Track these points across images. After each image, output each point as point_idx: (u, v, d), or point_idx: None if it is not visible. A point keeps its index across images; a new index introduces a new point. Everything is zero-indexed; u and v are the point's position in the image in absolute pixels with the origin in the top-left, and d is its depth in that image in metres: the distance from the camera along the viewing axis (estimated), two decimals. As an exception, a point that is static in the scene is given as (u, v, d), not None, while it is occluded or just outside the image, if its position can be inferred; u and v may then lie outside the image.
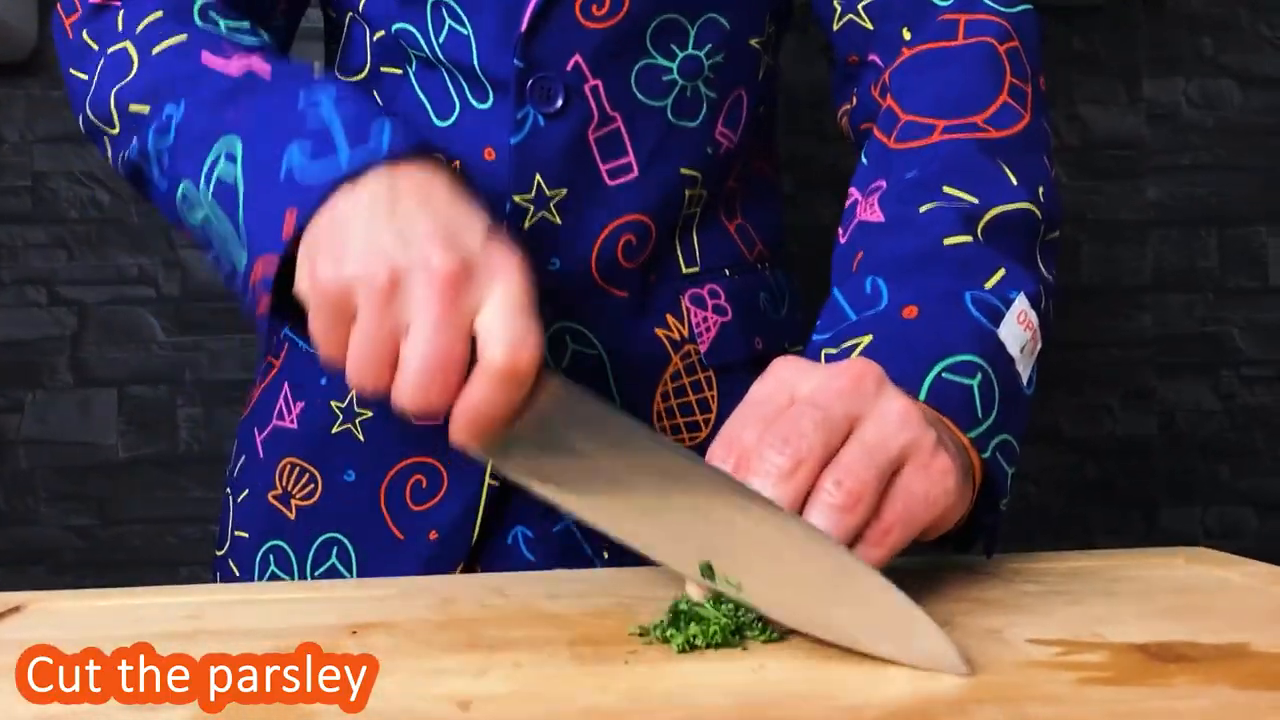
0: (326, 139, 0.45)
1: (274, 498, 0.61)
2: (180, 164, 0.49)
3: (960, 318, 0.46)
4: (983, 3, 0.56)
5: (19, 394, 1.29)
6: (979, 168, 0.51)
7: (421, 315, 0.40)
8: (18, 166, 1.29)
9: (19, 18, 1.23)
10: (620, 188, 0.58)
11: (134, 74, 0.52)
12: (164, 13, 0.53)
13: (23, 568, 1.28)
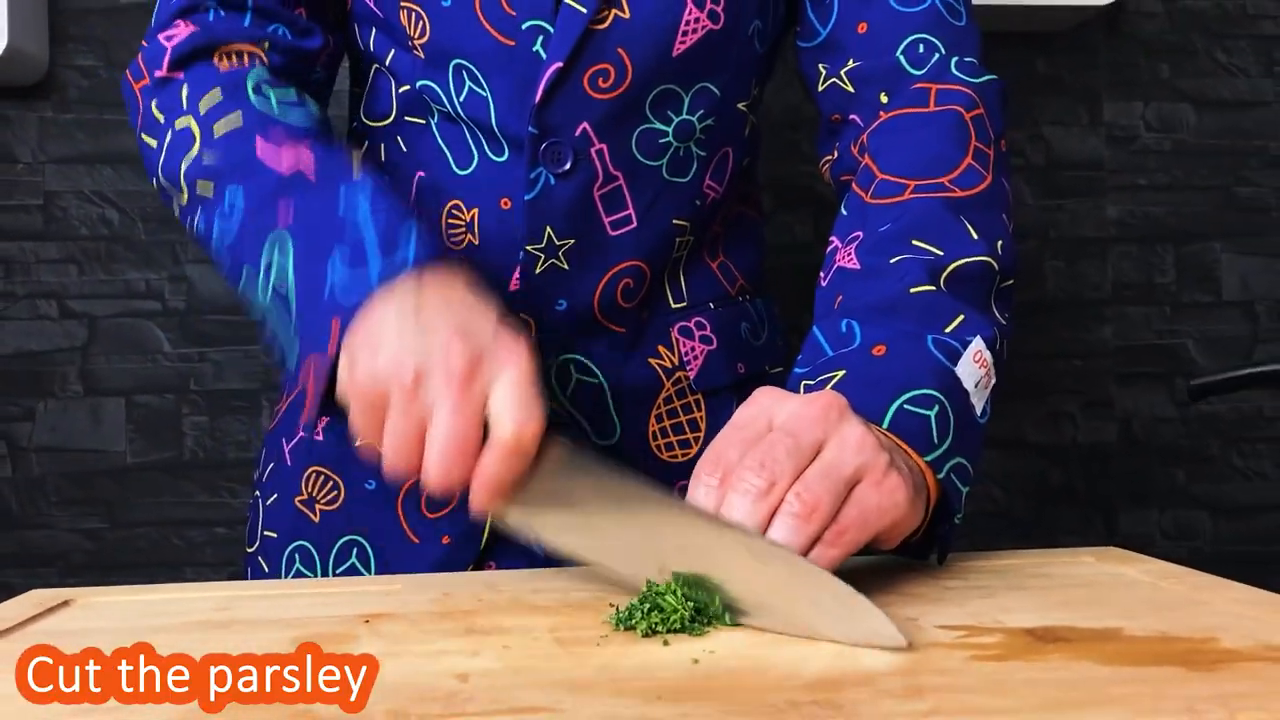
0: (361, 250, 0.52)
1: (300, 502, 0.67)
2: (242, 255, 0.56)
3: (922, 357, 0.53)
4: (951, 73, 0.63)
5: (31, 403, 1.33)
6: (944, 224, 0.58)
7: (441, 404, 0.47)
8: (30, 185, 1.33)
9: (32, 43, 1.27)
10: (621, 237, 0.64)
11: (197, 151, 0.58)
12: (222, 90, 0.60)
13: (34, 569, 1.32)
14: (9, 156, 1.32)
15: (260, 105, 0.59)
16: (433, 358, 0.47)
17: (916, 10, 0.64)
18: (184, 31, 0.62)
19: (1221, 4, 1.47)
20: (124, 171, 1.34)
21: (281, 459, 0.69)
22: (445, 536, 0.64)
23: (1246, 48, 1.48)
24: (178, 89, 0.61)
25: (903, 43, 0.64)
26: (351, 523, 0.66)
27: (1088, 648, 0.39)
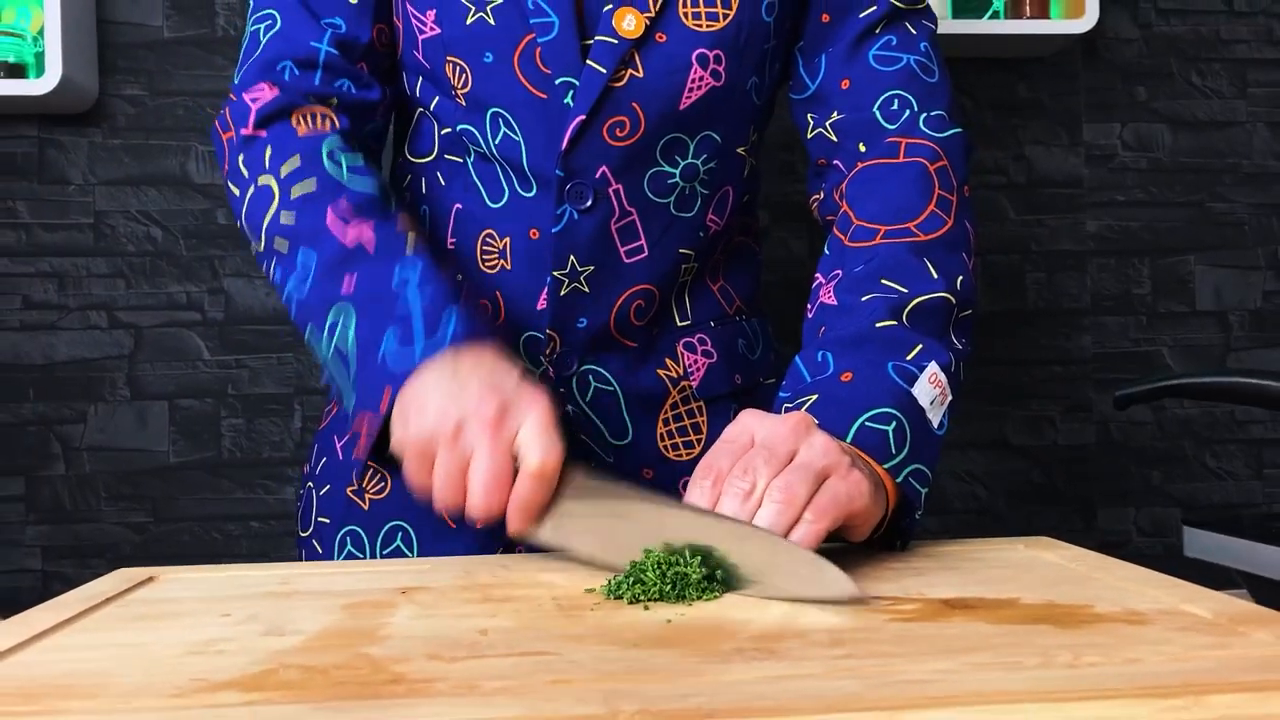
0: (410, 329, 0.62)
1: (352, 492, 0.77)
2: (310, 314, 0.66)
3: (882, 381, 0.63)
4: (919, 129, 0.72)
5: (83, 406, 1.43)
6: (908, 266, 0.68)
7: (479, 446, 0.57)
8: (82, 205, 1.44)
9: (83, 75, 1.38)
10: (634, 265, 0.74)
11: (276, 210, 0.68)
12: (300, 158, 0.70)
13: (86, 559, 1.42)
14: (62, 179, 1.43)
15: (333, 172, 0.69)
16: (469, 410, 0.58)
17: (892, 70, 0.73)
18: (267, 95, 0.71)
19: (1197, 29, 1.56)
20: (167, 192, 1.45)
21: (334, 454, 0.79)
22: (478, 523, 0.74)
23: (1220, 70, 1.56)
24: (261, 148, 0.71)
25: (879, 98, 0.73)
26: (397, 510, 0.76)
27: (986, 613, 0.48)
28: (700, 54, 0.70)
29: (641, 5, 0.69)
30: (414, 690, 0.38)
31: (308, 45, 0.72)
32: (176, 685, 0.39)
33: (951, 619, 0.47)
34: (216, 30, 1.45)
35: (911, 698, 0.36)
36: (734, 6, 0.70)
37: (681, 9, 0.70)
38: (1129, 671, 0.39)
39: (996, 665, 0.40)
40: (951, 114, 0.74)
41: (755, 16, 0.72)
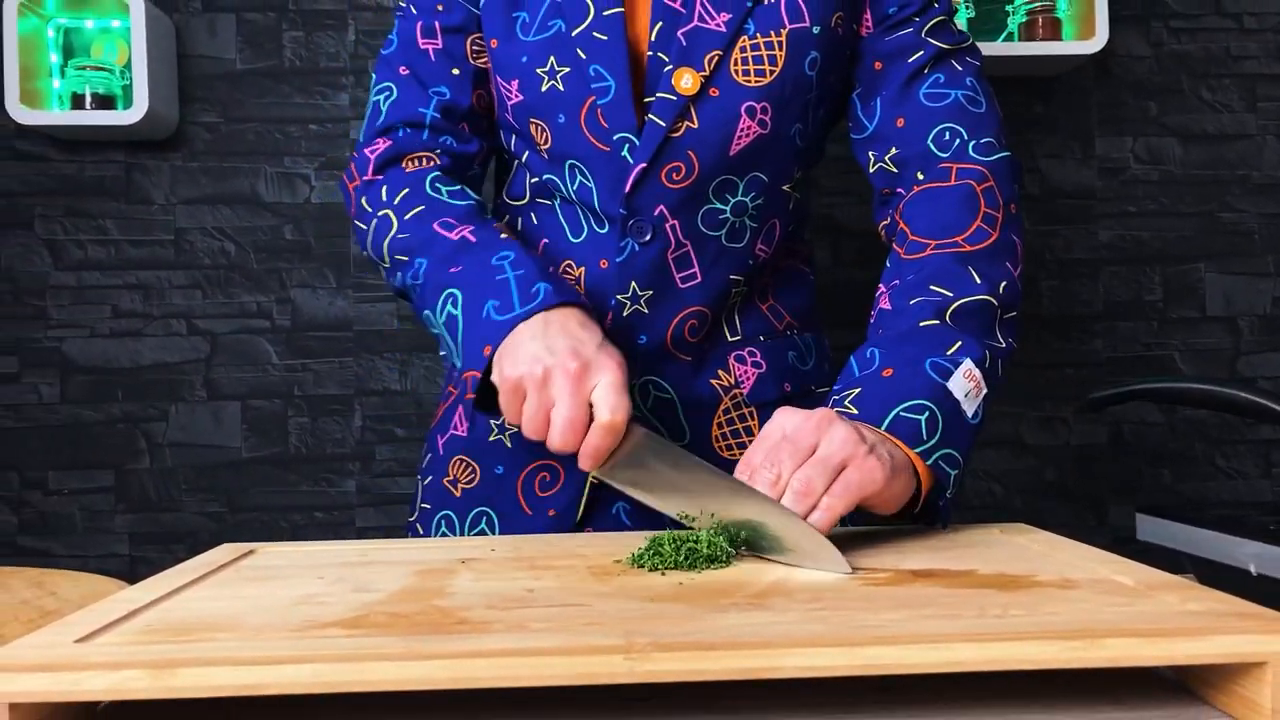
0: (509, 297, 0.74)
1: (447, 482, 0.90)
2: (425, 299, 0.78)
3: (919, 376, 0.72)
4: (969, 154, 0.81)
5: (165, 406, 1.57)
6: (954, 272, 0.77)
7: (561, 396, 0.69)
8: (164, 223, 1.57)
9: (165, 105, 1.51)
10: (688, 289, 0.84)
11: (395, 232, 0.81)
12: (410, 190, 0.83)
13: (167, 545, 1.56)
14: (146, 199, 1.57)
15: (435, 196, 0.82)
16: (555, 363, 0.69)
17: (942, 105, 0.82)
18: (382, 147, 0.85)
19: (1207, 46, 1.62)
20: (240, 210, 1.58)
21: (436, 450, 0.92)
22: (551, 510, 0.85)
23: (1230, 85, 1.62)
24: (379, 188, 0.84)
25: (931, 132, 0.82)
26: (483, 498, 0.87)
27: (945, 580, 0.58)
28: (749, 106, 0.80)
29: (698, 65, 0.79)
30: (476, 629, 0.48)
31: (416, 111, 0.86)
32: (292, 624, 0.50)
33: (914, 584, 0.57)
34: (284, 62, 1.57)
35: (863, 637, 0.46)
36: (780, 63, 0.80)
37: (733, 67, 0.79)
38: (1044, 621, 0.48)
39: (939, 617, 0.49)
40: (999, 140, 0.82)
41: (799, 72, 0.81)
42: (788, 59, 0.80)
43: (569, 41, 0.80)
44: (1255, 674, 0.46)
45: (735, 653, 0.44)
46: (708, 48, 0.79)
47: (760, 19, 0.80)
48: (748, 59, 0.79)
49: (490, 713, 0.47)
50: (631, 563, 0.63)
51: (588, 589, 0.57)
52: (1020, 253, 0.80)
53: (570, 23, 0.80)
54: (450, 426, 0.91)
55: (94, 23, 1.54)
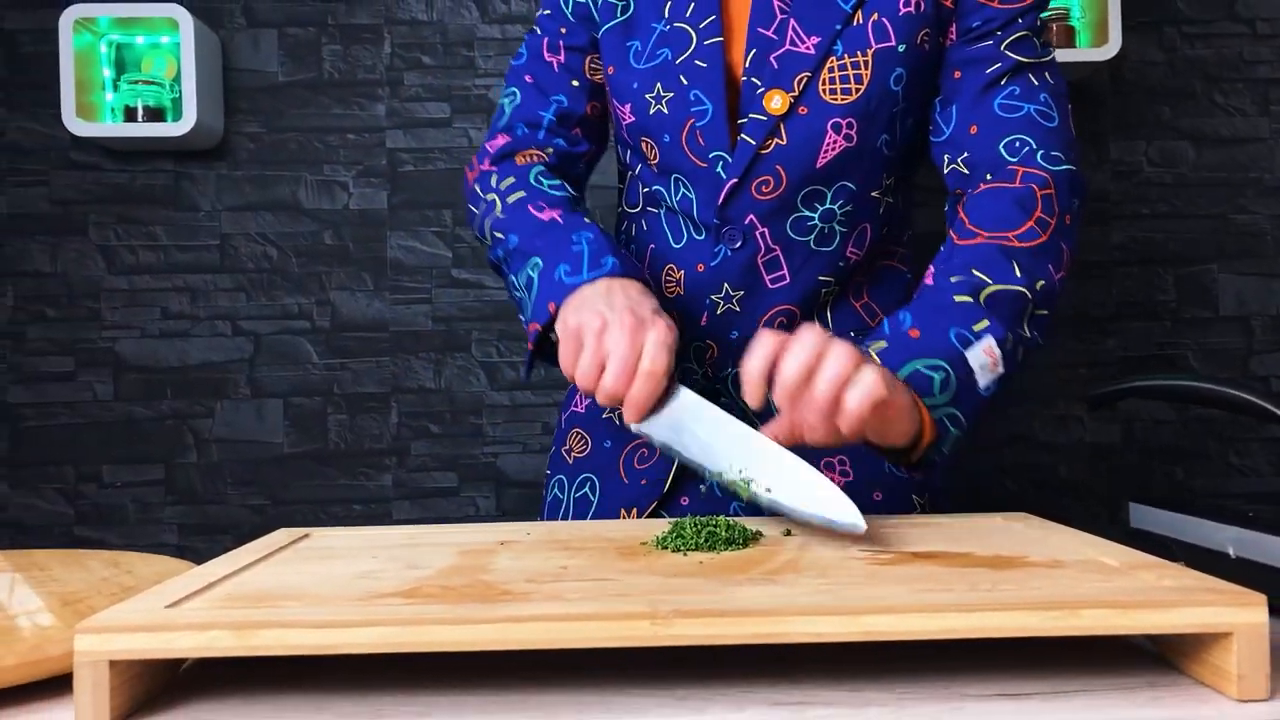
0: (579, 263, 0.81)
1: (564, 450, 1.00)
2: (512, 267, 0.87)
3: (941, 340, 0.76)
4: (1036, 160, 0.85)
5: (211, 403, 1.64)
6: (996, 262, 0.81)
7: (616, 346, 0.74)
8: (210, 229, 1.65)
9: (212, 117, 1.59)
10: (777, 290, 0.90)
11: (497, 212, 0.90)
12: (515, 179, 0.92)
13: (214, 536, 1.63)
14: (193, 206, 1.64)
15: (536, 185, 0.91)
16: (612, 319, 0.75)
17: (1015, 116, 0.86)
18: (500, 142, 0.95)
19: (1220, 51, 1.65)
20: (281, 217, 1.65)
21: (560, 424, 1.03)
22: (644, 480, 0.93)
23: (1243, 90, 1.66)
24: (490, 176, 0.93)
25: (1003, 140, 0.86)
26: (591, 466, 0.97)
27: (943, 560, 0.63)
28: (834, 122, 0.85)
29: (788, 86, 0.85)
30: (517, 599, 0.54)
31: (536, 113, 0.96)
32: (354, 594, 0.56)
33: (914, 564, 0.62)
34: (324, 74, 1.65)
35: (862, 607, 0.51)
36: (865, 81, 0.85)
37: (821, 86, 0.85)
38: (1028, 594, 0.54)
39: (933, 590, 0.55)
40: (1067, 153, 0.86)
41: (884, 88, 0.85)
42: (873, 77, 0.85)
43: (674, 69, 0.88)
44: (1223, 643, 0.51)
45: (748, 619, 0.50)
46: (798, 69, 0.85)
47: (848, 40, 0.85)
48: (835, 78, 0.85)
49: (529, 675, 0.53)
50: (656, 544, 0.68)
51: (616, 566, 0.63)
52: (1067, 261, 0.84)
53: (675, 51, 0.88)
54: (571, 404, 1.02)
55: (144, 39, 1.62)
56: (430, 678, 0.54)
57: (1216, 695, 0.51)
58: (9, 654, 0.53)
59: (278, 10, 1.64)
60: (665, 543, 0.68)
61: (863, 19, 0.85)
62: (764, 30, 0.86)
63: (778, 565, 0.62)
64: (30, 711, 0.51)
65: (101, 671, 0.49)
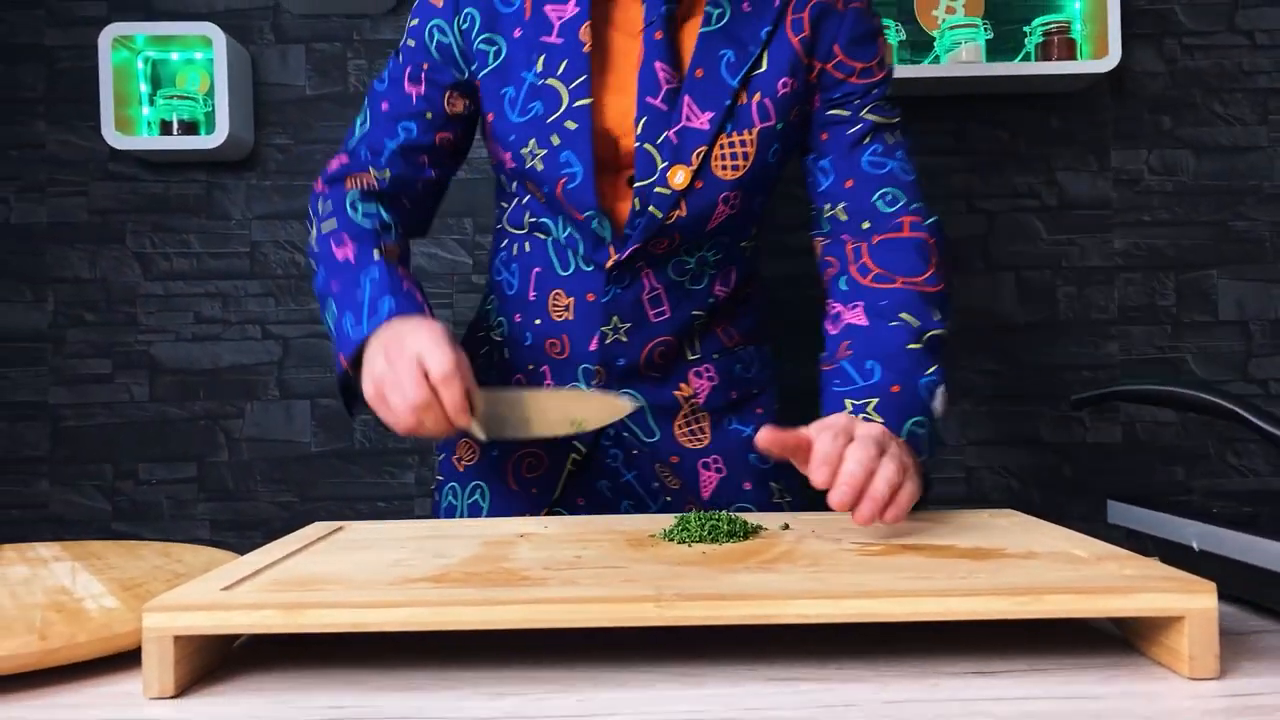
0: (360, 313, 0.87)
1: (454, 459, 1.06)
2: (322, 305, 0.93)
3: (918, 394, 0.86)
4: (909, 210, 0.96)
5: (242, 404, 1.71)
6: (920, 307, 0.92)
7: (407, 389, 0.80)
8: (241, 237, 1.72)
9: (243, 129, 1.66)
10: (659, 323, 1.00)
11: (312, 241, 0.96)
12: (333, 205, 0.97)
13: (244, 531, 1.70)
14: (225, 215, 1.71)
15: (350, 215, 0.96)
16: (396, 370, 0.80)
17: (881, 172, 0.97)
18: (336, 164, 1.01)
19: (1220, 62, 1.69)
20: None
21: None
22: (534, 488, 1.01)
23: (1243, 99, 1.69)
24: (318, 200, 0.99)
25: (876, 193, 0.97)
26: (479, 474, 1.04)
27: (926, 551, 0.68)
28: (725, 195, 0.95)
29: (688, 161, 0.93)
30: (536, 584, 0.60)
31: (381, 140, 1.00)
32: (388, 580, 0.62)
33: (900, 555, 0.68)
34: (349, 88, 1.71)
35: (848, 592, 0.57)
36: (750, 158, 0.94)
37: (714, 162, 0.94)
38: (999, 582, 0.59)
39: (913, 578, 0.60)
40: (926, 204, 0.98)
41: (765, 161, 0.96)
42: (757, 154, 0.95)
43: (545, 127, 0.93)
44: (1176, 627, 0.56)
45: (743, 603, 0.56)
46: (695, 145, 0.93)
47: (737, 119, 0.93)
48: (725, 155, 0.94)
49: (547, 652, 0.59)
50: (664, 536, 0.74)
51: (626, 556, 0.68)
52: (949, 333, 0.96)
53: (547, 108, 0.94)
54: None
55: (179, 55, 1.69)
56: (457, 654, 0.60)
57: (1171, 674, 0.56)
58: (81, 632, 0.59)
59: (305, 26, 1.70)
60: (672, 535, 0.74)
61: (747, 99, 0.94)
62: (652, 100, 0.92)
63: (774, 555, 0.68)
64: (101, 684, 0.58)
65: (167, 646, 0.55)
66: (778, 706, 0.52)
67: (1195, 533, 0.68)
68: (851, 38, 0.97)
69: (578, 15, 0.93)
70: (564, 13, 0.94)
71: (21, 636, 0.58)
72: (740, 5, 0.94)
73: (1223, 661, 0.57)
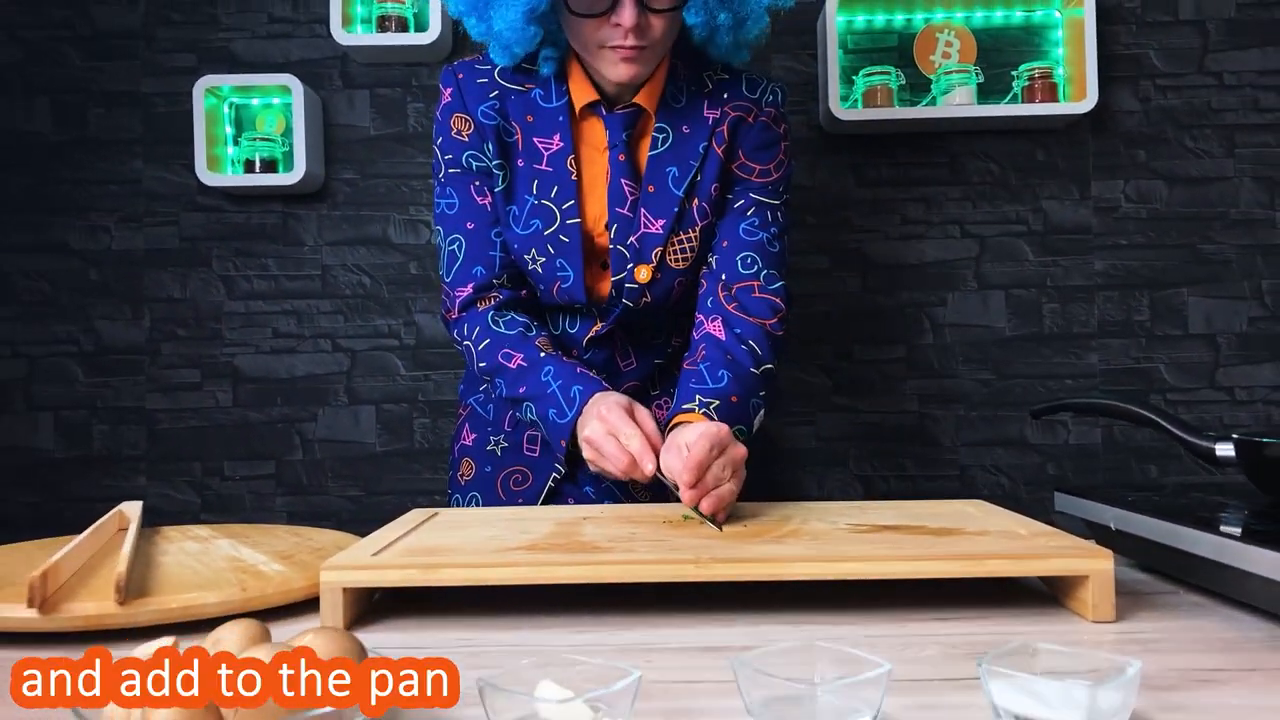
0: (558, 403, 1.08)
1: (459, 476, 1.27)
2: (517, 406, 1.13)
3: (748, 410, 1.10)
4: (762, 276, 1.18)
5: (315, 409, 1.91)
6: (765, 344, 1.15)
7: (620, 452, 1.01)
8: (313, 261, 1.92)
9: (316, 165, 1.86)
10: (628, 372, 1.23)
11: (478, 360, 1.16)
12: (480, 327, 1.17)
13: (317, 522, 1.90)
14: (299, 242, 1.92)
15: (496, 329, 1.16)
16: (606, 441, 1.02)
17: (752, 239, 1.19)
18: (463, 293, 1.18)
19: (1190, 101, 1.87)
20: (374, 250, 1.92)
21: (453, 453, 1.30)
22: (520, 499, 1.22)
23: (1211, 135, 1.87)
24: (462, 324, 1.20)
25: (739, 254, 1.18)
26: (475, 487, 1.25)
27: (903, 531, 0.88)
28: (679, 281, 1.18)
29: (649, 260, 1.16)
30: (604, 551, 0.80)
31: (488, 254, 1.19)
32: (492, 549, 0.82)
33: (883, 533, 0.87)
34: (408, 128, 1.92)
35: (836, 557, 0.77)
36: (695, 250, 1.17)
37: (669, 257, 1.16)
38: (954, 550, 0.79)
39: (886, 549, 0.80)
40: (780, 271, 1.19)
41: (705, 245, 1.18)
42: (699, 245, 1.18)
43: (543, 239, 1.16)
44: (1084, 583, 0.76)
45: (761, 564, 0.76)
46: (653, 246, 1.16)
47: (683, 222, 1.16)
48: (676, 251, 1.17)
49: (613, 602, 0.79)
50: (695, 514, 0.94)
51: (669, 532, 0.88)
52: (776, 376, 1.18)
53: (544, 224, 1.16)
54: (462, 437, 1.29)
55: (259, 100, 1.90)
56: (544, 605, 0.80)
57: (1081, 620, 0.76)
58: (267, 585, 0.80)
59: (369, 74, 1.91)
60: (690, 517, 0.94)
61: (689, 205, 1.16)
62: (620, 210, 1.15)
63: (784, 533, 0.88)
64: (282, 625, 0.78)
65: (338, 594, 0.75)
66: (785, 637, 0.72)
67: (1113, 516, 0.88)
68: (755, 145, 1.17)
69: (563, 149, 1.15)
70: (551, 146, 1.15)
71: (226, 589, 0.79)
72: (681, 128, 1.16)
73: (1121, 611, 0.76)
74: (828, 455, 1.86)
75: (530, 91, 1.16)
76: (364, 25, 1.87)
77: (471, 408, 1.28)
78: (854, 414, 1.85)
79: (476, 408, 1.27)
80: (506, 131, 1.16)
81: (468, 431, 1.27)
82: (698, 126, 1.15)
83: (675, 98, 1.16)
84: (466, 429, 1.27)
